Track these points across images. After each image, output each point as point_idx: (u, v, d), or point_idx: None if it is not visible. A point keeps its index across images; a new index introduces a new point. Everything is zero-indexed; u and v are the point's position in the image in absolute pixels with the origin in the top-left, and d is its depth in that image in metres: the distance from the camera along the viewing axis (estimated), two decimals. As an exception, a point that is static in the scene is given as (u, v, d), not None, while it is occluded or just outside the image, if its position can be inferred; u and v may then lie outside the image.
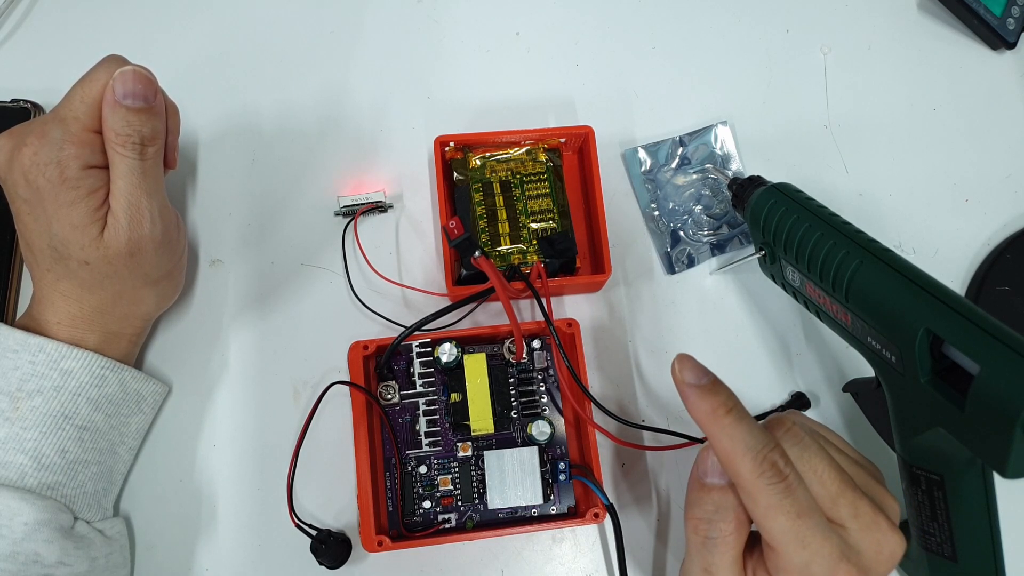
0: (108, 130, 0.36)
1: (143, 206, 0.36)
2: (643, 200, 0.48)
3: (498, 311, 0.45)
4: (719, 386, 0.31)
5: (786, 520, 0.29)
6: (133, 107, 0.35)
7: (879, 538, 0.30)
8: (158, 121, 0.37)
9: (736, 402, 0.31)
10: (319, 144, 0.48)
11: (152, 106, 0.36)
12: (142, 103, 0.36)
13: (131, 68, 0.36)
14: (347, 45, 0.50)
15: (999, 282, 0.47)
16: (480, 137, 0.45)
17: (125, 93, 0.35)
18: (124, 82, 0.35)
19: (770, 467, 0.29)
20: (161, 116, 0.37)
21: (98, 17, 0.50)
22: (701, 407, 0.31)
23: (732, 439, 0.30)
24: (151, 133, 0.36)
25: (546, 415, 0.42)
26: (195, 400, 0.43)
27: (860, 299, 0.35)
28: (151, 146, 0.36)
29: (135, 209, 0.36)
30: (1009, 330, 0.30)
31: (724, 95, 0.51)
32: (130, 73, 0.35)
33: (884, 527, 0.31)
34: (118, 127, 0.35)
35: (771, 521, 0.29)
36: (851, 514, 0.30)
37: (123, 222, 0.36)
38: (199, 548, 0.41)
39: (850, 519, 0.30)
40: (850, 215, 0.38)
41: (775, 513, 0.29)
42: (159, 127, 0.37)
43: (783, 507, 0.29)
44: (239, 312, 0.44)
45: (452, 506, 0.41)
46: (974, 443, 0.31)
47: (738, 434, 0.30)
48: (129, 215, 0.36)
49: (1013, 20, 0.52)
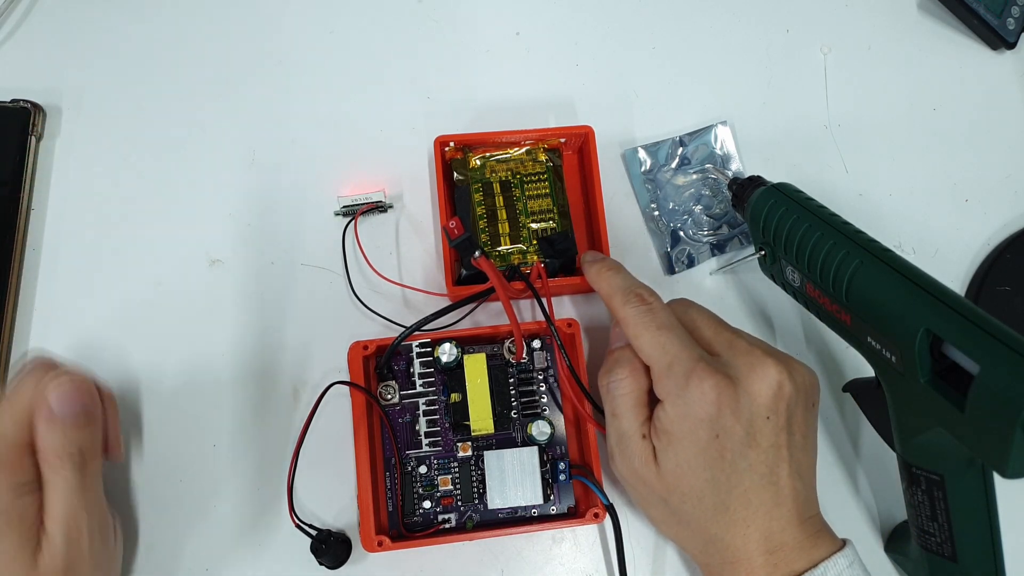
0: (44, 448, 0.32)
1: (82, 525, 0.33)
2: (643, 200, 0.48)
3: (498, 311, 0.45)
4: (607, 258, 0.41)
5: (649, 334, 0.35)
6: (73, 423, 0.32)
7: (751, 361, 0.34)
8: (97, 428, 0.34)
9: (617, 264, 0.39)
10: (319, 144, 0.48)
11: (92, 414, 0.33)
12: (82, 417, 0.33)
13: (67, 378, 0.33)
14: (347, 45, 0.50)
15: (999, 282, 0.47)
16: (480, 137, 0.45)
17: (63, 408, 0.32)
18: (62, 397, 0.32)
19: (635, 297, 0.36)
20: (99, 420, 0.34)
21: (98, 17, 0.50)
22: (591, 270, 0.39)
23: (609, 284, 0.38)
24: (91, 444, 0.33)
25: (546, 415, 0.42)
26: (195, 400, 0.43)
27: (860, 299, 0.35)
28: (93, 460, 0.34)
29: (73, 530, 0.33)
30: (1009, 330, 0.30)
31: (724, 95, 0.51)
32: (67, 384, 0.33)
33: (758, 354, 0.34)
34: (56, 444, 0.32)
35: (639, 339, 0.35)
36: (725, 347, 0.35)
37: (60, 546, 0.32)
38: (199, 548, 0.41)
39: (724, 350, 0.35)
40: (850, 215, 0.38)
41: (641, 330, 0.35)
42: (99, 433, 0.34)
43: (646, 323, 0.35)
44: (239, 312, 0.44)
45: (452, 506, 0.41)
46: (974, 443, 0.31)
47: (614, 281, 0.38)
48: (67, 537, 0.32)
49: (1013, 20, 0.52)
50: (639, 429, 0.36)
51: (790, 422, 0.34)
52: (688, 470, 0.34)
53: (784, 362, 0.34)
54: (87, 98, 0.48)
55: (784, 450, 0.34)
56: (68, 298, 0.44)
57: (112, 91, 0.48)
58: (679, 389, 0.34)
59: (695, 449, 0.33)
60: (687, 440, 0.34)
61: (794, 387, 0.34)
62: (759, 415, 0.33)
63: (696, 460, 0.34)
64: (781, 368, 0.34)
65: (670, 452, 0.34)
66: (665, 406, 0.34)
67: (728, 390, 0.33)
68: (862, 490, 0.44)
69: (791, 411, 0.34)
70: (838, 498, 0.43)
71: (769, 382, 0.34)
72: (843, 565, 0.33)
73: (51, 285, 0.44)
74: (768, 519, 0.34)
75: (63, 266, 0.45)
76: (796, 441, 0.34)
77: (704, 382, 0.33)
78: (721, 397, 0.33)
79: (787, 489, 0.34)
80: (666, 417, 0.34)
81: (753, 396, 0.33)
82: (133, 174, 0.47)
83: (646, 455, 0.35)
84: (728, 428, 0.33)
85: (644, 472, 0.35)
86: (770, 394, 0.33)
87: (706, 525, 0.34)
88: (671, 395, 0.34)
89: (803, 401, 0.35)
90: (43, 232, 0.45)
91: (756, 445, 0.33)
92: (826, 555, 0.34)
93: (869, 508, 0.43)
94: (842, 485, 0.44)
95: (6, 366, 0.43)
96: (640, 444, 0.35)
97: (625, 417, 0.36)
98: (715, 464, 0.33)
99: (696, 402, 0.33)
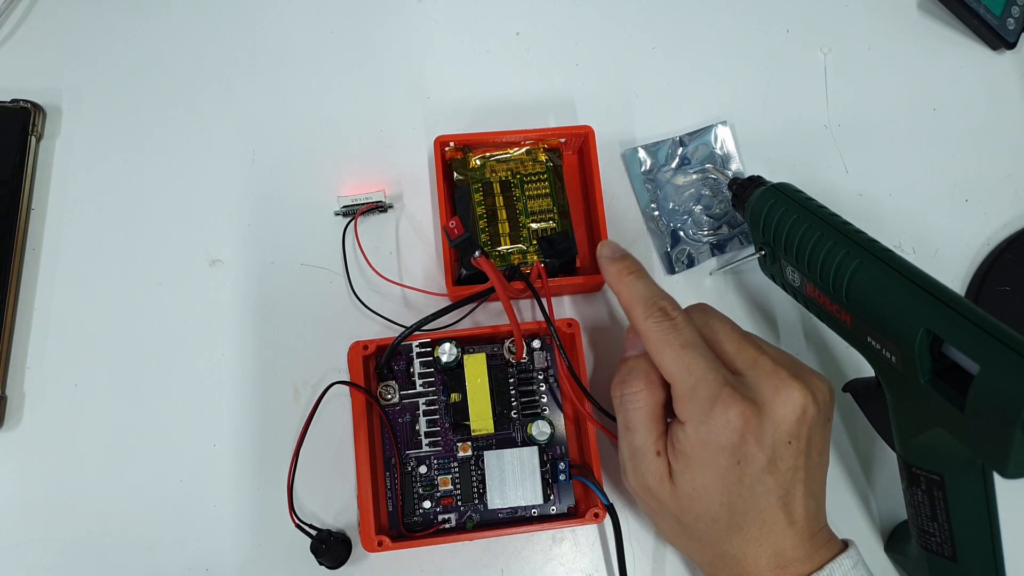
0: None
1: None
2: (643, 200, 0.48)
3: (498, 311, 0.45)
4: (628, 256, 0.37)
5: (672, 352, 0.33)
6: None
7: (776, 384, 0.33)
8: None
9: (639, 267, 0.37)
10: (319, 144, 0.48)
11: None
12: None
13: None
14: (347, 45, 0.50)
15: (999, 282, 0.47)
16: (480, 137, 0.45)
17: None
18: None
19: (658, 311, 0.34)
20: None
21: (98, 17, 0.50)
22: (611, 271, 0.37)
23: (630, 291, 0.35)
24: None
25: (546, 415, 0.42)
26: (195, 400, 0.43)
27: (860, 299, 0.35)
28: None
29: None
30: (1009, 330, 0.30)
31: (724, 95, 0.51)
32: None
33: (784, 376, 0.33)
34: None
35: (661, 356, 0.34)
36: (749, 365, 0.34)
37: None
38: (199, 548, 0.41)
39: (748, 368, 0.34)
40: (850, 215, 0.38)
41: (664, 347, 0.34)
42: None
43: (670, 341, 0.33)
44: (239, 312, 0.44)
45: (452, 506, 0.41)
46: (974, 443, 0.31)
47: (636, 288, 0.35)
48: None
49: (1013, 20, 0.52)
50: (653, 445, 0.34)
51: (809, 444, 0.34)
52: (705, 494, 0.33)
53: (807, 382, 0.33)
54: (87, 98, 0.48)
55: (801, 471, 0.33)
56: (68, 298, 0.44)
57: (112, 91, 0.48)
58: (702, 414, 0.32)
59: (714, 475, 0.32)
60: (707, 466, 0.33)
61: (817, 409, 0.33)
62: (782, 441, 0.33)
63: (714, 485, 0.33)
64: (806, 392, 0.33)
65: (687, 475, 0.33)
66: (686, 428, 0.33)
67: (754, 418, 0.32)
68: (862, 490, 0.44)
69: (812, 433, 0.33)
70: (838, 498, 0.43)
71: (794, 407, 0.33)
72: (848, 566, 0.33)
73: (51, 285, 0.44)
74: (781, 538, 0.33)
75: (63, 266, 0.45)
76: (812, 460, 0.34)
77: (730, 409, 0.32)
78: (746, 425, 0.32)
79: (800, 509, 0.33)
80: (686, 439, 0.33)
81: (778, 423, 0.32)
82: (133, 174, 0.47)
83: (660, 472, 0.34)
84: (751, 455, 0.32)
85: (658, 490, 0.34)
86: (794, 419, 0.33)
87: (717, 542, 0.34)
88: (693, 419, 0.33)
89: (823, 420, 0.34)
90: (43, 232, 0.45)
91: (776, 470, 0.33)
92: (830, 557, 0.33)
93: (869, 508, 0.43)
94: (842, 485, 0.44)
95: (6, 366, 0.43)
96: (655, 461, 0.34)
97: (639, 432, 0.35)
98: (733, 489, 0.33)
99: (720, 429, 0.32)
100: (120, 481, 0.42)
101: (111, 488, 0.42)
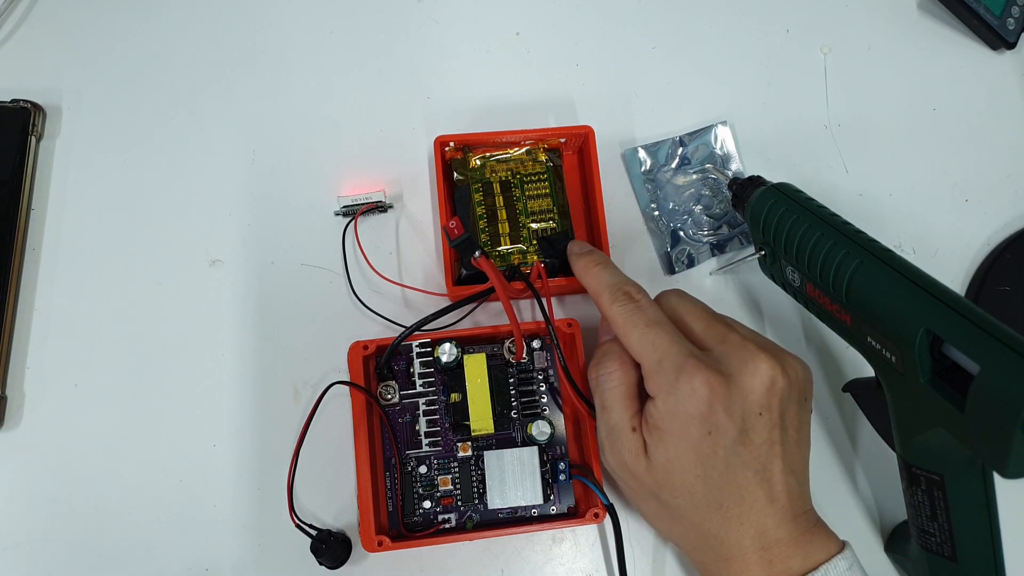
0: None
1: None
2: (643, 200, 0.48)
3: (498, 311, 0.45)
4: (595, 251, 0.40)
5: (637, 331, 0.35)
6: None
7: (744, 356, 0.34)
8: None
9: (605, 259, 0.39)
10: (319, 144, 0.48)
11: None
12: None
13: None
14: (347, 45, 0.50)
15: (999, 282, 0.47)
16: (480, 137, 0.45)
17: None
18: None
19: (623, 295, 0.36)
20: None
21: (98, 17, 0.50)
22: (579, 264, 0.39)
23: (597, 280, 0.38)
24: None
25: (546, 415, 0.42)
26: (195, 400, 0.43)
27: (860, 299, 0.35)
28: None
29: None
30: (1009, 330, 0.30)
31: (724, 95, 0.51)
32: None
33: (751, 348, 0.34)
34: None
35: (628, 337, 0.35)
36: (718, 340, 0.35)
37: None
38: (199, 548, 0.41)
39: (717, 344, 0.35)
40: (850, 215, 0.38)
41: (630, 328, 0.35)
42: None
43: (635, 321, 0.35)
44: (239, 312, 0.44)
45: (452, 506, 0.41)
46: (974, 443, 0.31)
47: (602, 276, 0.38)
48: None
49: (1013, 20, 0.52)
50: (629, 422, 0.35)
51: (783, 418, 0.34)
52: (679, 465, 0.34)
53: (777, 356, 0.34)
54: (87, 98, 0.48)
55: (777, 446, 0.34)
56: (68, 298, 0.44)
57: (112, 91, 0.48)
58: (669, 385, 0.33)
59: (686, 445, 0.33)
60: (678, 436, 0.33)
61: (787, 382, 0.34)
62: (752, 411, 0.33)
63: (687, 456, 0.33)
64: (774, 363, 0.34)
65: (661, 447, 0.34)
66: (656, 402, 0.34)
67: (720, 387, 0.33)
68: (862, 490, 0.44)
69: (784, 406, 0.34)
70: (838, 498, 0.43)
71: (762, 377, 0.33)
72: (843, 568, 0.33)
73: (51, 285, 0.44)
74: (762, 516, 0.34)
75: (63, 266, 0.45)
76: (789, 437, 0.34)
77: (694, 378, 0.33)
78: (713, 394, 0.33)
79: (780, 485, 0.34)
80: (657, 413, 0.34)
81: (745, 392, 0.33)
82: (133, 174, 0.47)
83: (636, 448, 0.35)
84: (720, 425, 0.33)
85: (634, 465, 0.35)
86: (763, 390, 0.33)
87: (699, 521, 0.34)
88: (662, 391, 0.34)
89: (796, 396, 0.35)
90: (43, 232, 0.45)
91: (749, 442, 0.33)
92: (825, 557, 0.33)
93: (869, 508, 0.43)
94: (842, 485, 0.44)
95: (6, 366, 0.43)
96: (630, 437, 0.35)
97: (614, 410, 0.36)
98: (707, 461, 0.33)
99: (687, 399, 0.33)
100: (120, 481, 0.42)
101: (111, 488, 0.42)
